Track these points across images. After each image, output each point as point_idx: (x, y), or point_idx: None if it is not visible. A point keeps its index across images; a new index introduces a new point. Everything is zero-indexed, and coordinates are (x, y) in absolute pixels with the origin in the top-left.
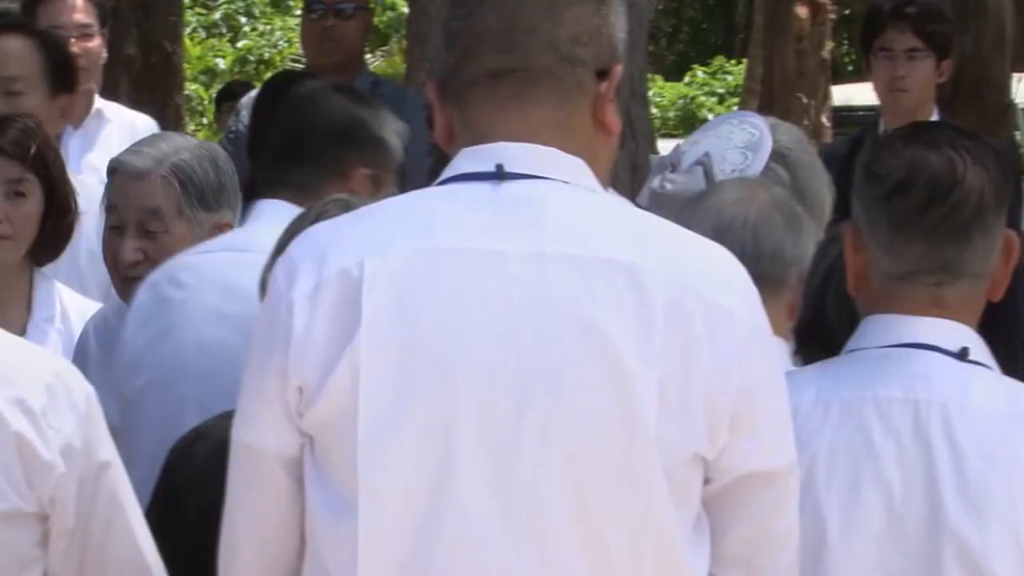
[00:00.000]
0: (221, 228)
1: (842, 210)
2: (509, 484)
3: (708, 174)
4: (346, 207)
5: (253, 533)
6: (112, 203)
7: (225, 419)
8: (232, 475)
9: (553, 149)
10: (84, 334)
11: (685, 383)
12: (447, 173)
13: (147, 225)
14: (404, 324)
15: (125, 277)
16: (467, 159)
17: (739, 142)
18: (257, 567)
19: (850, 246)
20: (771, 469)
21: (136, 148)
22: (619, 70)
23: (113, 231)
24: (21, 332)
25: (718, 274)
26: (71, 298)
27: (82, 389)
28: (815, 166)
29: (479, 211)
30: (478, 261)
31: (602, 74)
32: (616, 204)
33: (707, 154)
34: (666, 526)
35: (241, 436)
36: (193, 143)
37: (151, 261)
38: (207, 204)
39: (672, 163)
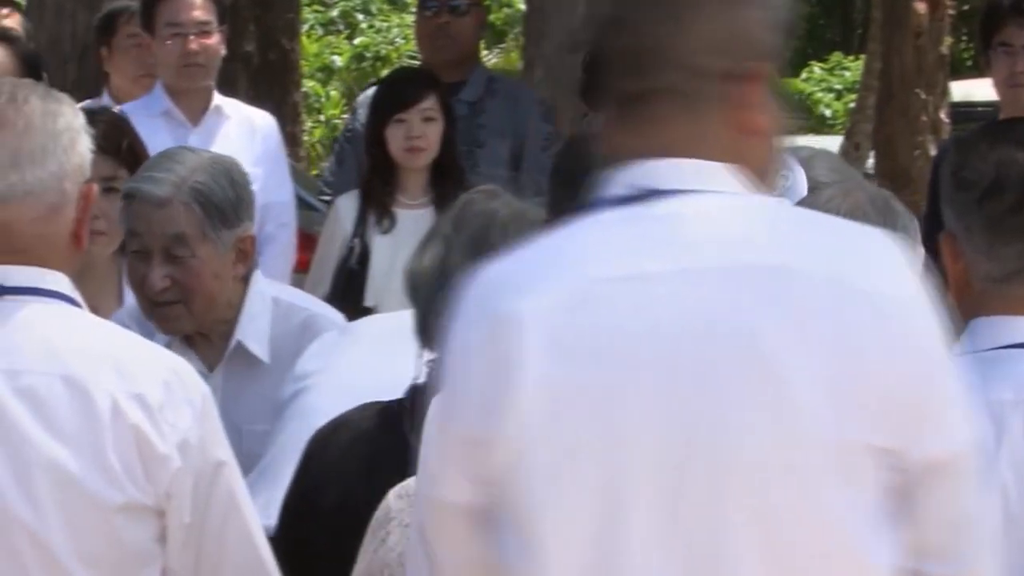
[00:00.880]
0: (243, 241)
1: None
2: (680, 517)
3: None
4: (492, 195)
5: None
6: (134, 230)
7: (364, 410)
8: (427, 530)
9: (691, 160)
10: None
11: (854, 380)
12: (592, 198)
13: (172, 251)
14: (564, 367)
15: (154, 303)
16: (606, 183)
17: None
18: None
19: (949, 255)
20: (955, 452)
21: (151, 174)
22: (763, 68)
23: (137, 256)
24: None
25: (874, 261)
26: None
27: (198, 387)
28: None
29: (626, 237)
30: (626, 288)
31: (741, 76)
32: (764, 205)
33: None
34: (850, 534)
35: (426, 490)
36: (206, 159)
37: (180, 286)
38: (228, 222)
39: None
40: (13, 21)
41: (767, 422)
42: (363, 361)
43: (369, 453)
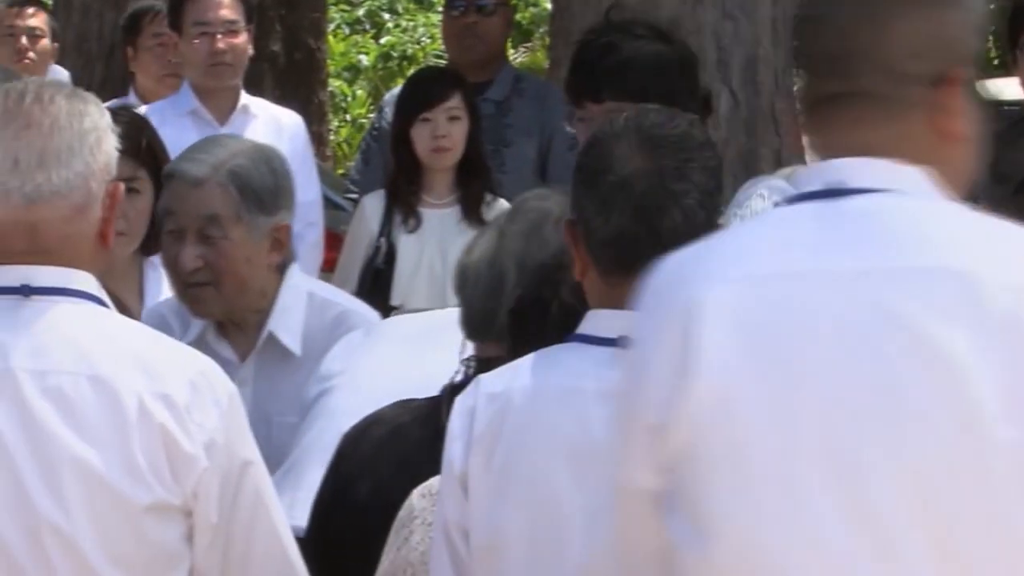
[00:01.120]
0: (279, 230)
1: None
2: (858, 510)
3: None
4: (544, 196)
5: (633, 553)
6: (170, 209)
7: (400, 407)
8: (615, 505)
9: (886, 161)
10: None
11: None
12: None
13: (206, 231)
14: (743, 356)
15: (186, 283)
16: (803, 179)
17: None
18: None
19: None
20: None
21: (192, 155)
22: (963, 72)
23: (171, 235)
24: None
25: None
26: None
27: (225, 387)
28: None
29: (812, 232)
30: (812, 284)
31: (942, 80)
32: (952, 209)
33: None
34: None
35: (614, 474)
36: (248, 146)
37: (211, 267)
38: (265, 208)
39: None
40: (39, 20)
41: (946, 424)
42: (387, 362)
43: (403, 447)
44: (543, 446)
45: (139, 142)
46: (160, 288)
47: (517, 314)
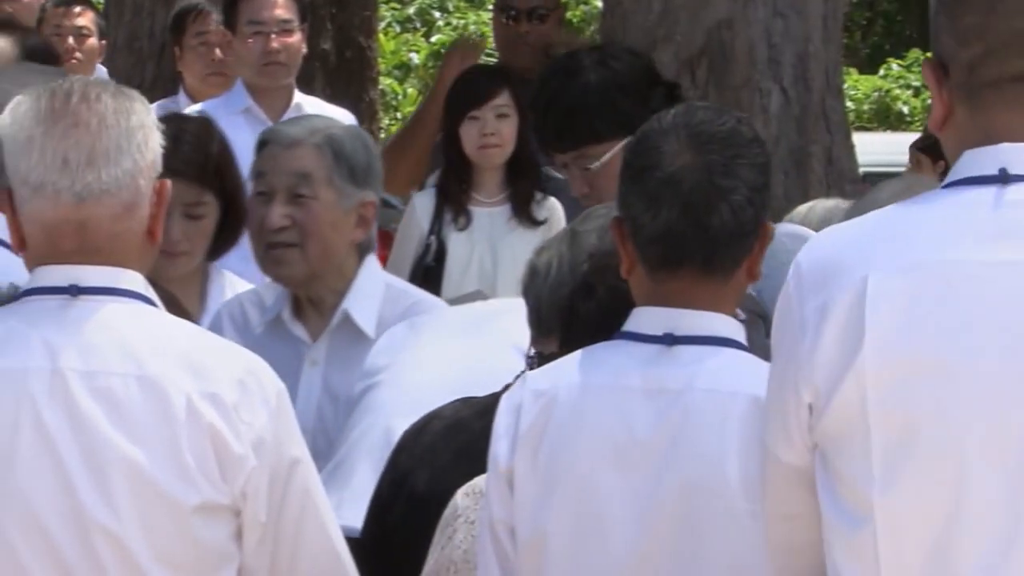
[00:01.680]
0: (366, 207)
1: None
2: (1020, 495)
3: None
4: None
5: (782, 530)
6: (261, 170)
7: (461, 403)
8: (764, 478)
9: None
10: (217, 319)
11: None
12: (950, 177)
13: (296, 189)
14: (909, 340)
15: (269, 244)
16: (969, 162)
17: None
18: (789, 558)
19: None
20: None
21: (290, 121)
22: None
23: (260, 197)
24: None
25: None
26: (241, 288)
27: (274, 385)
28: None
29: (981, 219)
30: (982, 273)
31: None
32: None
33: None
34: None
35: (768, 445)
36: (344, 123)
37: (298, 227)
38: (355, 179)
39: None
40: (86, 19)
41: None
42: (431, 356)
43: (461, 438)
44: (588, 443)
45: (204, 165)
46: (223, 294)
47: (568, 309)
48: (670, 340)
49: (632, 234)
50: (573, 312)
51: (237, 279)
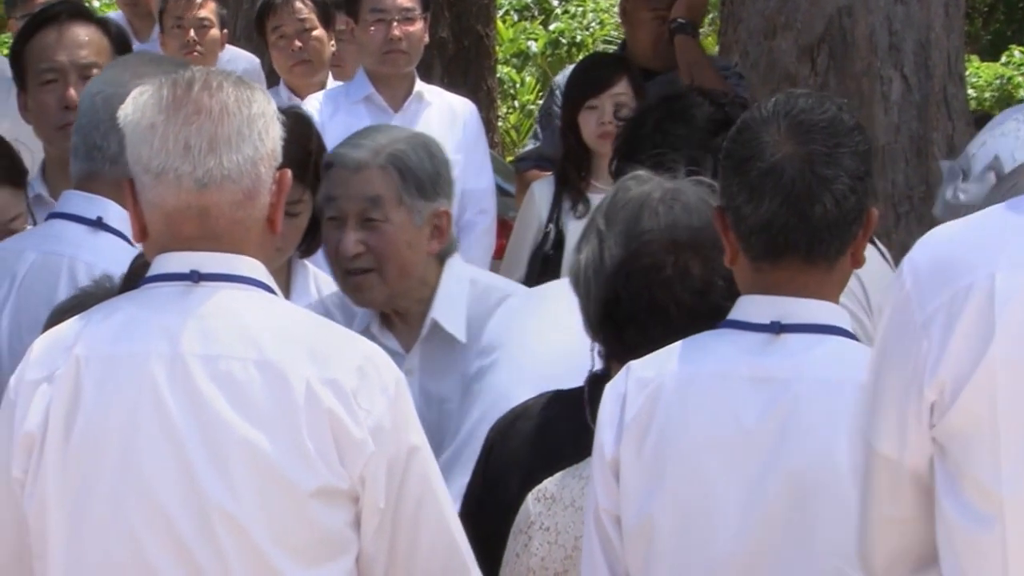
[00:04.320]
0: (439, 216)
1: None
2: None
3: (1000, 179)
4: (643, 180)
5: (889, 534)
6: (331, 195)
7: (544, 399)
8: (868, 480)
9: None
10: None
11: None
12: None
13: (367, 214)
14: None
15: (347, 270)
16: None
17: None
18: (893, 562)
19: None
20: None
21: (352, 141)
22: None
23: (333, 222)
24: None
25: None
26: (326, 283)
27: (392, 373)
28: None
29: None
30: None
31: None
32: None
33: (996, 157)
34: None
35: (876, 446)
36: (407, 133)
37: (373, 253)
38: (424, 192)
39: (963, 170)
40: (207, 11)
41: None
42: (546, 330)
43: (551, 442)
44: (694, 432)
45: (304, 162)
46: (308, 289)
47: (605, 315)
48: (777, 328)
49: (734, 224)
50: (613, 320)
51: (321, 273)
